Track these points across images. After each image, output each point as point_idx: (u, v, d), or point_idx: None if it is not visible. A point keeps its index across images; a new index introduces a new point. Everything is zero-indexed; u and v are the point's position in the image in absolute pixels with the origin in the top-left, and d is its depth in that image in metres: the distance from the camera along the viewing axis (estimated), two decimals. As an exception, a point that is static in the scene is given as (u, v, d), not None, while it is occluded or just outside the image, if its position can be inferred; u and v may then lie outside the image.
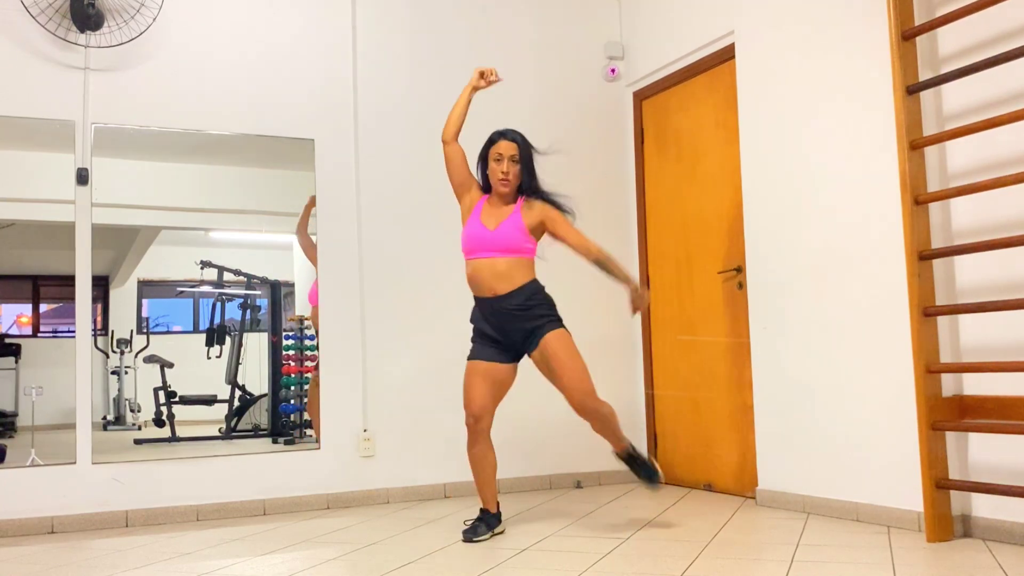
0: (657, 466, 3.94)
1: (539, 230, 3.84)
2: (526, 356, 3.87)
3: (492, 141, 3.85)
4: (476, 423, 3.76)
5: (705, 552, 3.36)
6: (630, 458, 3.93)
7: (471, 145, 3.98)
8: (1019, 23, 3.37)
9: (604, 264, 3.76)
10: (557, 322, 3.79)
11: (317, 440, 4.75)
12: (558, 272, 5.27)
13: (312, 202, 4.78)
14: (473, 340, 3.88)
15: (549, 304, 3.82)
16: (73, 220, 4.39)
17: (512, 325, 3.77)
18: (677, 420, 5.20)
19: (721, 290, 4.86)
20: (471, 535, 3.74)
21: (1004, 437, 3.39)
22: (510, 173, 3.78)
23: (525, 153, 3.83)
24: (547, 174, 5.30)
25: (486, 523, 3.80)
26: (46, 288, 4.45)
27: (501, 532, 3.88)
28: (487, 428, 3.80)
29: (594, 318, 5.43)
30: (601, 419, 3.79)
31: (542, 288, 3.84)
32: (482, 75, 3.85)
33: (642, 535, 3.75)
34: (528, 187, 3.84)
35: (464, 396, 3.80)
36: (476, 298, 3.84)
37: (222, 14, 4.77)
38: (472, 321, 3.89)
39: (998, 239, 3.29)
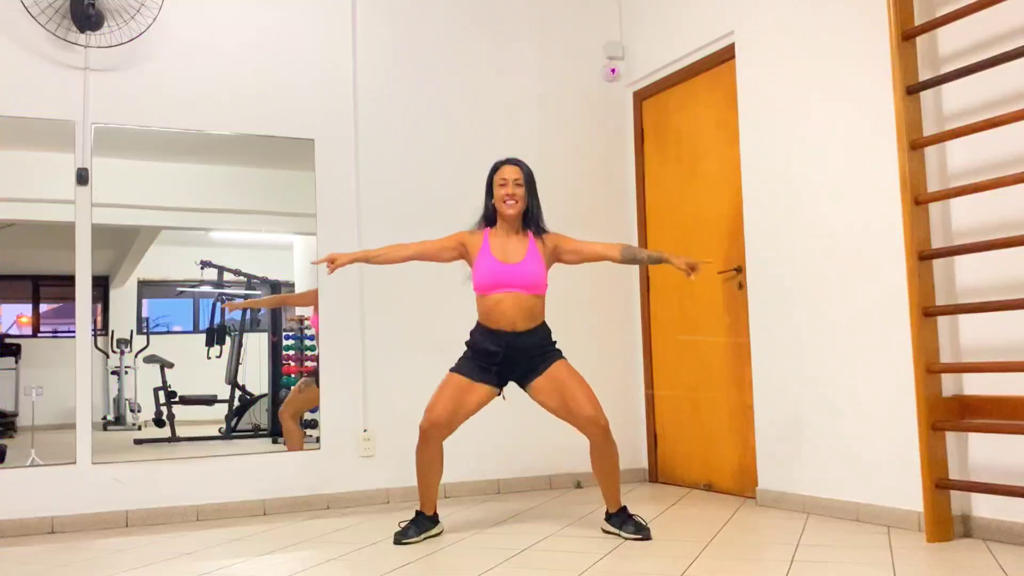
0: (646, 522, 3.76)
1: (551, 262, 3.88)
2: (513, 385, 3.87)
3: (495, 168, 3.87)
4: (431, 429, 3.69)
5: (705, 552, 3.36)
6: (626, 516, 3.73)
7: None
8: (1019, 23, 3.36)
9: (636, 256, 3.84)
10: (562, 355, 3.84)
11: (287, 444, 4.77)
12: (556, 272, 5.30)
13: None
14: (465, 357, 3.83)
15: (555, 343, 3.88)
16: (73, 220, 4.39)
17: (522, 360, 3.77)
18: (677, 420, 5.20)
19: (721, 290, 4.86)
20: (401, 537, 3.72)
21: (1004, 437, 3.38)
22: (516, 194, 3.79)
23: (529, 180, 3.85)
24: (548, 176, 5.36)
25: (417, 526, 3.77)
26: (46, 288, 4.44)
27: (438, 534, 3.85)
28: (442, 438, 3.74)
29: (593, 318, 5.42)
30: (613, 454, 3.73)
31: (550, 330, 3.88)
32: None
33: (642, 535, 3.75)
34: (535, 218, 3.86)
35: (431, 400, 3.72)
36: (488, 328, 3.77)
37: (222, 14, 4.77)
38: (472, 344, 3.82)
39: (998, 239, 3.29)
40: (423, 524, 3.80)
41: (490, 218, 3.89)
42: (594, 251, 3.87)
